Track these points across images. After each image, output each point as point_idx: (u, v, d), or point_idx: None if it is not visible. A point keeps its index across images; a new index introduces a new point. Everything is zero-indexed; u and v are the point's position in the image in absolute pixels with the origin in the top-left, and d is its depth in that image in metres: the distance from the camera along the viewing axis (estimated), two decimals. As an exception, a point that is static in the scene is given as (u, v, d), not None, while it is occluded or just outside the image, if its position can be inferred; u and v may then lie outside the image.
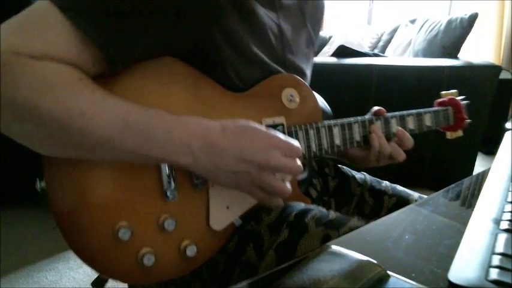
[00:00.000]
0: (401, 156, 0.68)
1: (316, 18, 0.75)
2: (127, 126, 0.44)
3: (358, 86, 1.79)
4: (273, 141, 0.49)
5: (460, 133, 0.82)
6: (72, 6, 0.42)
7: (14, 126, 0.42)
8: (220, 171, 0.48)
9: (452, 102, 0.79)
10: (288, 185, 0.51)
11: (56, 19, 0.42)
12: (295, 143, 0.51)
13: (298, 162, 0.50)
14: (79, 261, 0.49)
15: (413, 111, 0.73)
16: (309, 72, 0.73)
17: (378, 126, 0.68)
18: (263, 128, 0.50)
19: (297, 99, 0.61)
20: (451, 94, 0.80)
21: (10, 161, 1.58)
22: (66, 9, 0.42)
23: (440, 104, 0.80)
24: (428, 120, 0.74)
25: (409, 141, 0.69)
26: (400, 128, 0.69)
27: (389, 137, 0.69)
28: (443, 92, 0.81)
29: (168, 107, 0.48)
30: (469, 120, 0.81)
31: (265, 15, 0.60)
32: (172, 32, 0.49)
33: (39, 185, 0.48)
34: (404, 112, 0.72)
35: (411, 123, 0.72)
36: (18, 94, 0.40)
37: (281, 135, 0.50)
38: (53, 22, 0.42)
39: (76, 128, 0.42)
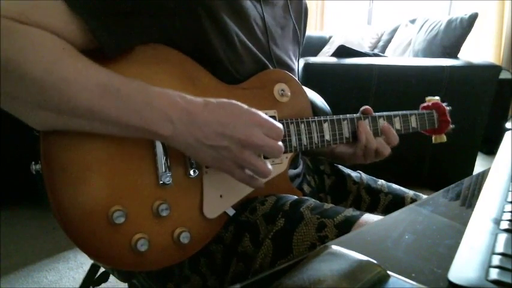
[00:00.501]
0: (387, 150, 0.70)
1: (300, 18, 0.77)
2: (108, 93, 0.44)
3: (358, 86, 1.79)
4: (255, 118, 0.49)
5: (444, 138, 0.85)
6: None
7: None
8: (201, 145, 0.48)
9: (436, 106, 0.83)
10: (269, 166, 0.51)
11: None
12: (278, 123, 0.51)
13: (280, 143, 0.50)
14: (79, 261, 0.49)
15: (400, 112, 0.76)
16: (296, 68, 0.75)
17: (365, 123, 0.70)
18: (245, 106, 0.50)
19: (289, 94, 0.64)
20: (435, 100, 0.84)
21: (10, 161, 1.58)
22: None
23: (425, 108, 0.83)
24: (413, 122, 0.77)
25: (395, 137, 0.71)
26: (386, 123, 0.72)
27: (376, 135, 0.71)
28: (428, 98, 0.85)
29: None
30: (452, 126, 0.83)
31: (250, 6, 0.61)
32: (161, 17, 0.50)
33: (34, 167, 0.48)
34: (392, 112, 0.74)
35: (397, 124, 0.75)
36: (1, 52, 0.40)
37: (263, 115, 0.50)
38: None
39: (57, 92, 0.42)
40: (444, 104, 0.83)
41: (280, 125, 0.51)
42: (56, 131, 0.47)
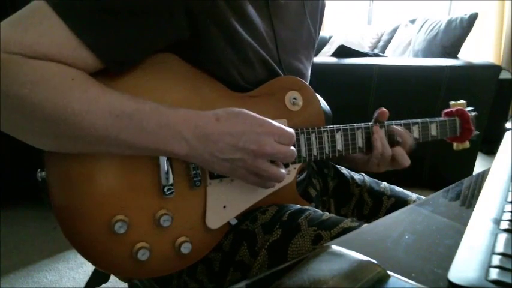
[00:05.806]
0: (407, 161, 0.67)
1: (316, 16, 0.75)
2: (121, 121, 0.44)
3: (358, 86, 1.79)
4: (266, 127, 0.49)
5: (467, 144, 0.81)
6: (66, 7, 0.43)
7: (10, 120, 0.43)
8: (216, 159, 0.48)
9: (459, 113, 0.78)
10: (283, 170, 0.52)
11: (49, 19, 0.42)
12: (288, 129, 0.51)
13: (292, 148, 0.51)
14: (79, 261, 0.49)
15: (419, 120, 0.72)
16: (308, 73, 0.73)
17: (381, 131, 0.67)
18: (256, 114, 0.50)
19: (300, 103, 0.62)
20: (459, 105, 0.79)
21: (10, 161, 1.58)
22: (59, 9, 0.42)
23: (448, 114, 0.79)
24: (434, 130, 0.74)
25: (408, 138, 0.68)
26: (401, 128, 0.69)
27: (393, 143, 0.68)
28: (452, 102, 0.80)
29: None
30: (476, 132, 0.80)
31: (256, 14, 0.59)
32: (166, 30, 0.49)
33: (40, 174, 0.48)
34: (410, 120, 0.71)
35: (416, 132, 0.71)
36: (11, 89, 0.40)
37: (274, 122, 0.50)
38: (46, 22, 0.42)
39: (70, 126, 0.43)
40: (469, 109, 0.78)
41: (291, 130, 0.51)
42: None
